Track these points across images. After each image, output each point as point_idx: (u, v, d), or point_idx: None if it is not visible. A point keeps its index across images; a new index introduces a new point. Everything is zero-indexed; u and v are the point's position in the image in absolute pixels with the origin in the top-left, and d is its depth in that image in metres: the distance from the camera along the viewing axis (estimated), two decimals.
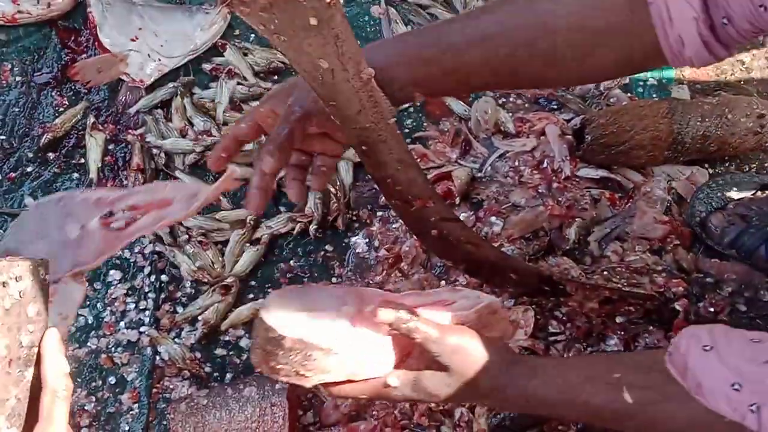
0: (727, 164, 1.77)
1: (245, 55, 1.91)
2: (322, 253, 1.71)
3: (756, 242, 1.57)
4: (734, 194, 1.66)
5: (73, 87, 1.91)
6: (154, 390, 1.60)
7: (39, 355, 0.86)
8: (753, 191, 1.67)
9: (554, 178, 1.68)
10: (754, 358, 0.91)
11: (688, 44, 0.98)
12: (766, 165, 1.77)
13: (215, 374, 1.61)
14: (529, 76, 1.11)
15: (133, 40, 1.87)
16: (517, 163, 1.72)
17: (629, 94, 1.83)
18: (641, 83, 1.85)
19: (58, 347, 0.87)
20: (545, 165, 1.70)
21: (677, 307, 1.50)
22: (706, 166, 1.76)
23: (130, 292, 1.69)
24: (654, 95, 1.83)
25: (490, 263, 1.41)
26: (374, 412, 1.51)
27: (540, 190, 1.68)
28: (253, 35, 1.96)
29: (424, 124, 1.84)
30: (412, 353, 1.08)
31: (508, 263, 1.46)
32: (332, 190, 1.73)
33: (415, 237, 1.60)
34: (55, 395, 0.85)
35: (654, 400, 0.98)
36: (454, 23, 1.11)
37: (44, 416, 0.84)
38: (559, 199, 1.66)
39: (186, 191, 1.05)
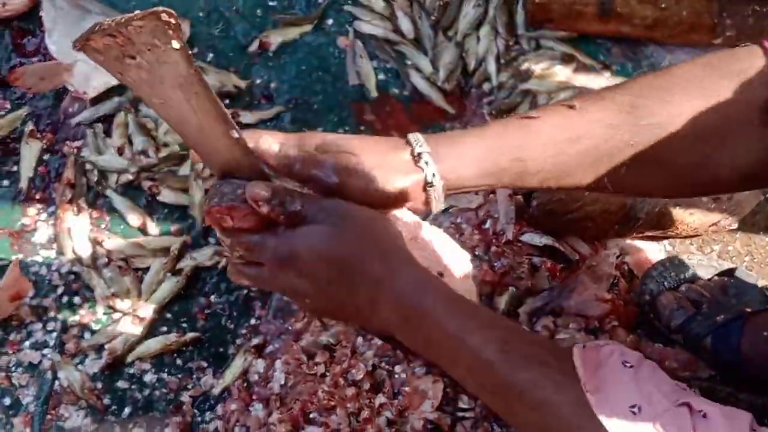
0: (688, 243, 1.67)
1: None
2: (246, 291, 1.63)
3: (703, 331, 1.47)
4: (689, 276, 1.56)
5: (18, 90, 1.85)
6: (49, 416, 1.53)
7: None
8: (710, 276, 1.56)
9: (494, 240, 1.59)
10: (670, 396, 0.83)
11: None
12: (729, 249, 1.67)
13: (113, 407, 1.54)
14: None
15: None
16: (459, 220, 1.63)
17: None
18: None
19: None
20: (488, 225, 1.61)
21: None
22: (666, 243, 1.66)
23: (40, 311, 1.62)
24: None
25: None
26: None
27: (477, 253, 1.59)
28: (211, 54, 1.89)
29: None
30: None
31: None
32: None
33: None
34: None
35: (543, 385, 0.87)
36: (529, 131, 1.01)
37: None
38: (495, 264, 1.57)
39: None
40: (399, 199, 0.96)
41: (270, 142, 0.95)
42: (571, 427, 0.84)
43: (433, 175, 0.95)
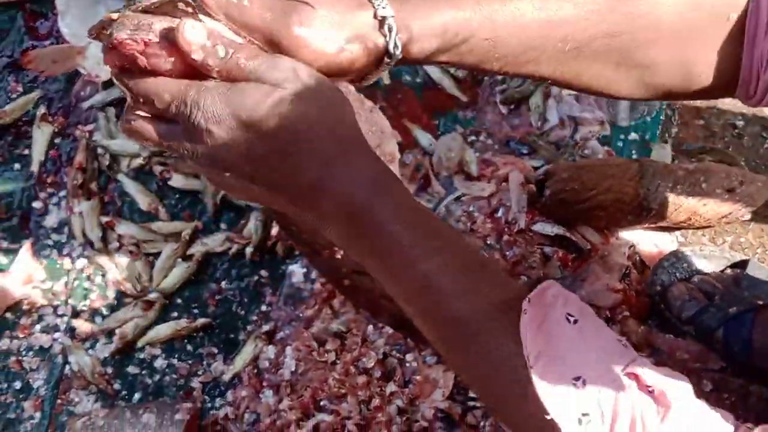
0: (700, 235, 1.66)
1: None
2: (256, 278, 1.63)
3: (715, 323, 1.46)
4: (702, 267, 1.55)
5: (30, 73, 1.84)
6: (59, 401, 1.54)
7: None
8: (722, 268, 1.56)
9: (506, 229, 1.58)
10: (617, 360, 0.76)
11: None
12: (741, 240, 1.66)
13: (123, 392, 1.55)
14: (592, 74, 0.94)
15: None
16: (471, 209, 1.62)
17: (606, 147, 1.72)
18: (622, 137, 1.74)
19: None
20: (500, 214, 1.60)
21: None
22: (678, 234, 1.65)
23: (51, 296, 1.62)
24: (633, 152, 1.72)
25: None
26: None
27: (489, 242, 1.58)
28: None
29: None
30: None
31: None
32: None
33: None
34: None
35: (498, 331, 0.78)
36: None
37: None
38: (507, 253, 1.56)
39: None
40: (353, 66, 0.81)
41: None
42: (517, 393, 0.77)
43: (395, 44, 0.81)
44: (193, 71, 0.74)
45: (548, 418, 0.73)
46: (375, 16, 0.80)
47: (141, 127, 0.76)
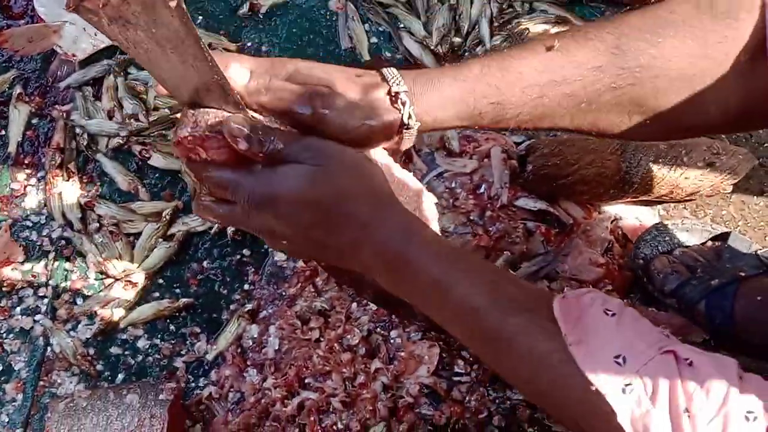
0: (682, 208, 1.66)
1: None
2: (238, 257, 1.62)
3: (697, 295, 1.47)
4: (684, 240, 1.55)
5: (5, 53, 1.82)
6: (41, 383, 1.53)
7: None
8: (704, 240, 1.56)
9: (489, 205, 1.58)
10: (654, 344, 0.80)
11: None
12: (723, 213, 1.66)
13: (106, 373, 1.54)
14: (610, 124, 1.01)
15: None
16: (453, 185, 1.62)
17: None
18: None
19: None
20: (482, 190, 1.60)
21: None
22: (660, 207, 1.65)
23: (31, 277, 1.60)
24: None
25: (395, 295, 1.32)
26: None
27: (471, 217, 1.57)
28: (200, 17, 1.86)
29: None
30: None
31: None
32: None
33: None
34: None
35: (532, 332, 0.85)
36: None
37: None
38: (490, 228, 1.55)
39: None
40: (375, 138, 0.93)
41: (239, 69, 0.89)
42: (559, 377, 0.82)
43: (410, 116, 0.92)
44: (245, 156, 0.85)
45: (593, 389, 0.78)
46: (389, 93, 0.92)
47: (209, 207, 0.91)
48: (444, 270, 0.87)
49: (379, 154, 0.99)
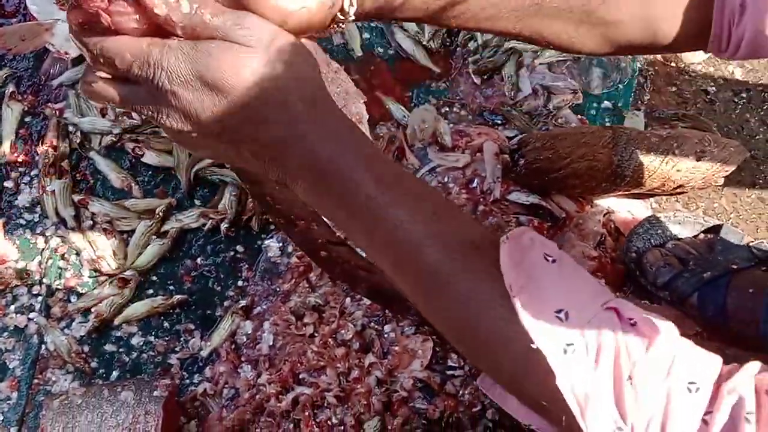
0: (674, 201, 1.67)
1: None
2: (232, 253, 1.62)
3: (689, 288, 1.47)
4: (676, 233, 1.56)
5: None
6: (36, 381, 1.53)
7: None
8: (696, 233, 1.56)
9: (482, 199, 1.58)
10: (597, 298, 0.75)
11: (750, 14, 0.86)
12: (715, 206, 1.67)
13: (101, 371, 1.54)
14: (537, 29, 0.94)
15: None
16: (446, 179, 1.62)
17: (580, 116, 1.72)
18: (595, 105, 1.74)
19: None
20: (475, 185, 1.60)
21: None
22: (652, 200, 1.66)
23: (25, 275, 1.60)
24: (606, 120, 1.73)
25: (389, 290, 1.32)
26: (257, 430, 1.44)
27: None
28: None
29: None
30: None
31: None
32: None
33: None
34: None
35: (473, 272, 0.77)
36: None
37: None
38: (483, 223, 1.56)
39: None
40: (310, 22, 0.80)
41: None
42: (500, 328, 0.75)
43: (350, 2, 0.81)
44: (157, 31, 0.72)
45: (534, 347, 0.72)
46: None
47: (102, 89, 0.75)
48: (381, 190, 0.76)
49: (309, 45, 0.88)
